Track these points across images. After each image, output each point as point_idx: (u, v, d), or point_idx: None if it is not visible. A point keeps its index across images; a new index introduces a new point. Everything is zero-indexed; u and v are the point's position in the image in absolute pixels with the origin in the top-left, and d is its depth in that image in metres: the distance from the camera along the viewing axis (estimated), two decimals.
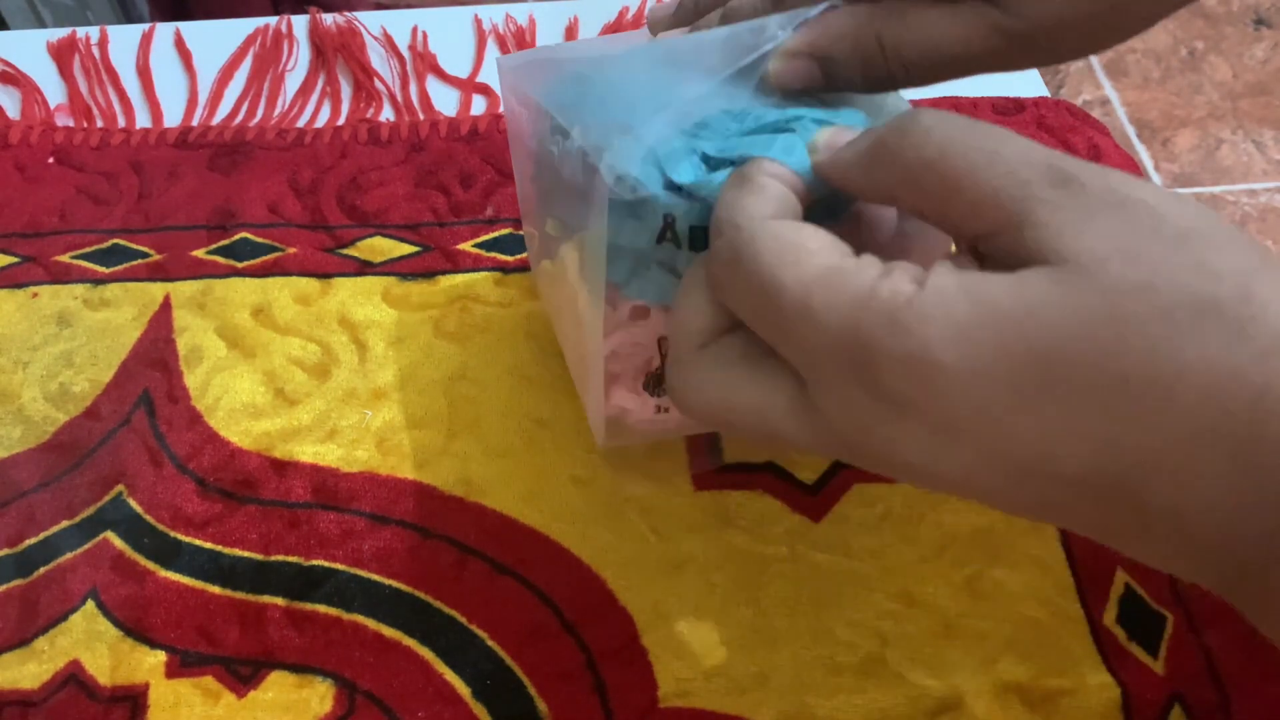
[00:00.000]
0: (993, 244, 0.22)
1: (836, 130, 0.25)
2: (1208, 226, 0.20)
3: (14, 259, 0.41)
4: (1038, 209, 0.21)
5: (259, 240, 0.42)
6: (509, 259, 0.42)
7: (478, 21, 0.52)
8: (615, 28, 0.52)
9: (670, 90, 0.27)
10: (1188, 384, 0.19)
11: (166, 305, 0.40)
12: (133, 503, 0.35)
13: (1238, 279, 0.20)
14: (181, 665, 0.32)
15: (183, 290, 0.40)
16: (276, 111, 0.47)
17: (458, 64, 0.50)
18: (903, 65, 0.27)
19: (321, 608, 0.33)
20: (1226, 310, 0.19)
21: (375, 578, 0.34)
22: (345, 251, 0.42)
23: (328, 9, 0.51)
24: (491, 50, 0.50)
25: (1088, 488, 0.21)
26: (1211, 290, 0.19)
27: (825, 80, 0.27)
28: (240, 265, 0.41)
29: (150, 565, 0.34)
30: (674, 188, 0.26)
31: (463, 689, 0.32)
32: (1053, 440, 0.21)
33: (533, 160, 0.33)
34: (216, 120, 0.47)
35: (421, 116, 0.47)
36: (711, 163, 0.26)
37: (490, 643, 0.33)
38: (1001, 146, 0.22)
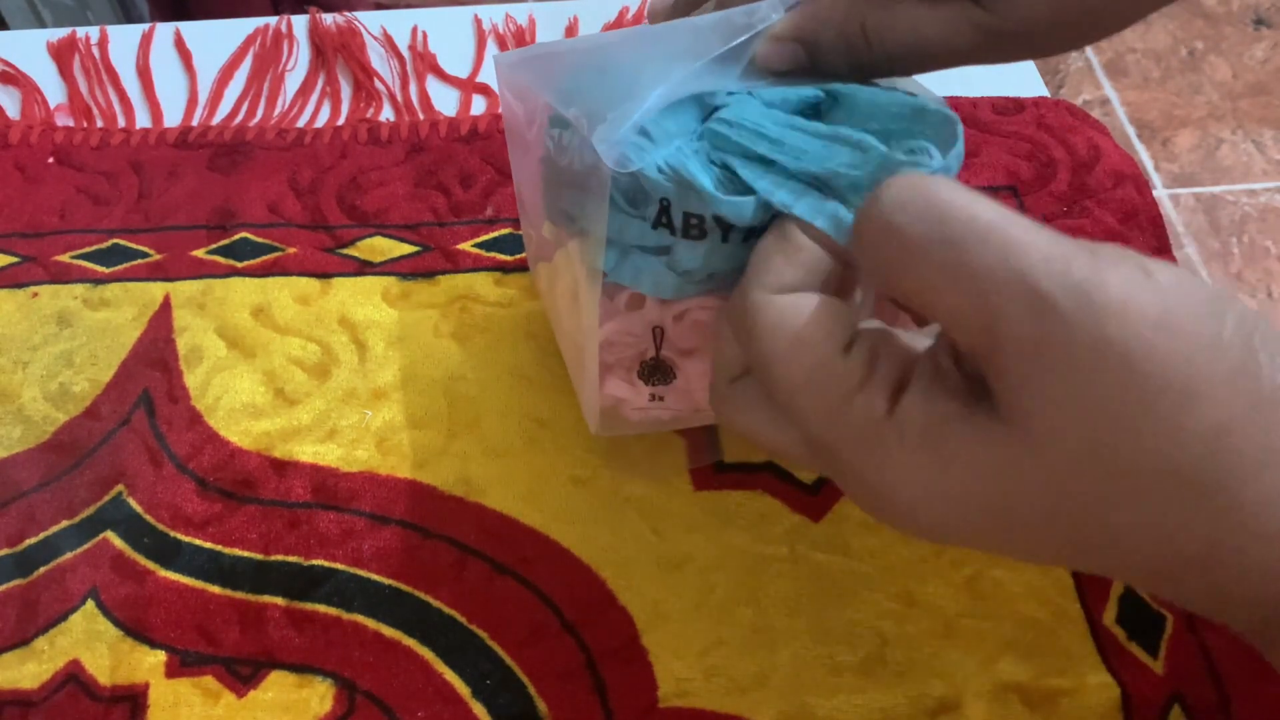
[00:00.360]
0: (964, 358, 0.21)
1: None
2: (1190, 371, 0.18)
3: (14, 259, 0.41)
4: (1002, 352, 0.19)
5: (259, 240, 0.42)
6: (509, 259, 0.42)
7: (478, 21, 0.52)
8: (615, 27, 0.52)
9: (664, 71, 0.27)
10: (1143, 539, 0.20)
11: (166, 305, 0.40)
12: (133, 502, 0.35)
13: (1206, 438, 0.19)
14: (181, 665, 0.32)
15: (183, 290, 0.40)
16: (276, 111, 0.47)
17: (458, 64, 0.50)
18: (886, 56, 0.27)
19: (321, 607, 0.33)
20: (1185, 474, 0.19)
21: (375, 578, 0.34)
22: (345, 251, 0.42)
23: (328, 9, 0.51)
24: (491, 50, 0.50)
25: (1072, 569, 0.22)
26: (1173, 456, 0.19)
27: (811, 65, 0.27)
28: (240, 265, 0.41)
29: (150, 565, 0.34)
30: (670, 170, 0.26)
31: (463, 689, 0.32)
32: (1014, 552, 0.22)
33: (532, 156, 0.33)
34: (216, 120, 0.47)
35: (421, 116, 0.47)
36: (734, 183, 0.26)
37: (490, 643, 0.33)
38: (973, 255, 0.19)
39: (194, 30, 0.51)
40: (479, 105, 0.48)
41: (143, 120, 0.47)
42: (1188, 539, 0.19)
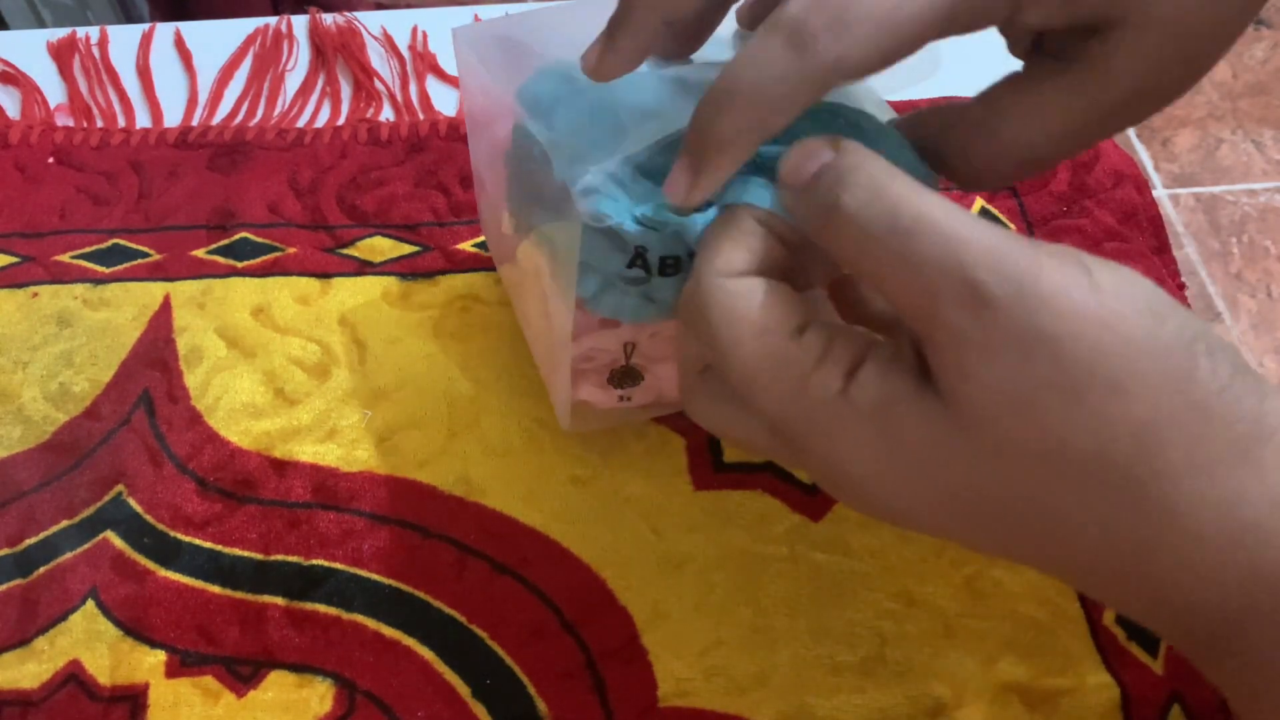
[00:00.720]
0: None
1: (800, 159, 0.23)
2: (1121, 366, 0.19)
3: (14, 259, 0.41)
4: (938, 335, 0.20)
5: (259, 240, 0.42)
6: None
7: (478, 21, 0.51)
8: None
9: (665, 119, 0.26)
10: (1077, 533, 0.20)
11: (166, 305, 0.40)
12: (132, 502, 0.35)
13: (1135, 433, 0.19)
14: (181, 665, 0.32)
15: (183, 290, 0.40)
16: (276, 111, 0.47)
17: None
18: (1010, 179, 0.26)
19: (321, 607, 0.33)
20: (1116, 469, 0.19)
21: (375, 578, 0.34)
22: (345, 251, 0.42)
23: (328, 9, 0.51)
24: None
25: (1016, 562, 0.22)
26: (1101, 448, 0.19)
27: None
28: (240, 265, 0.41)
29: (150, 565, 0.34)
30: (650, 221, 0.26)
31: (463, 689, 0.32)
32: (965, 539, 0.22)
33: (495, 148, 0.32)
34: (216, 120, 0.47)
35: (421, 116, 0.47)
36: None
37: (490, 643, 0.33)
38: (918, 245, 0.20)
39: (194, 30, 0.51)
40: None
41: (143, 120, 0.47)
42: (1123, 534, 0.20)
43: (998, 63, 0.27)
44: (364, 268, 0.41)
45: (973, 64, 0.30)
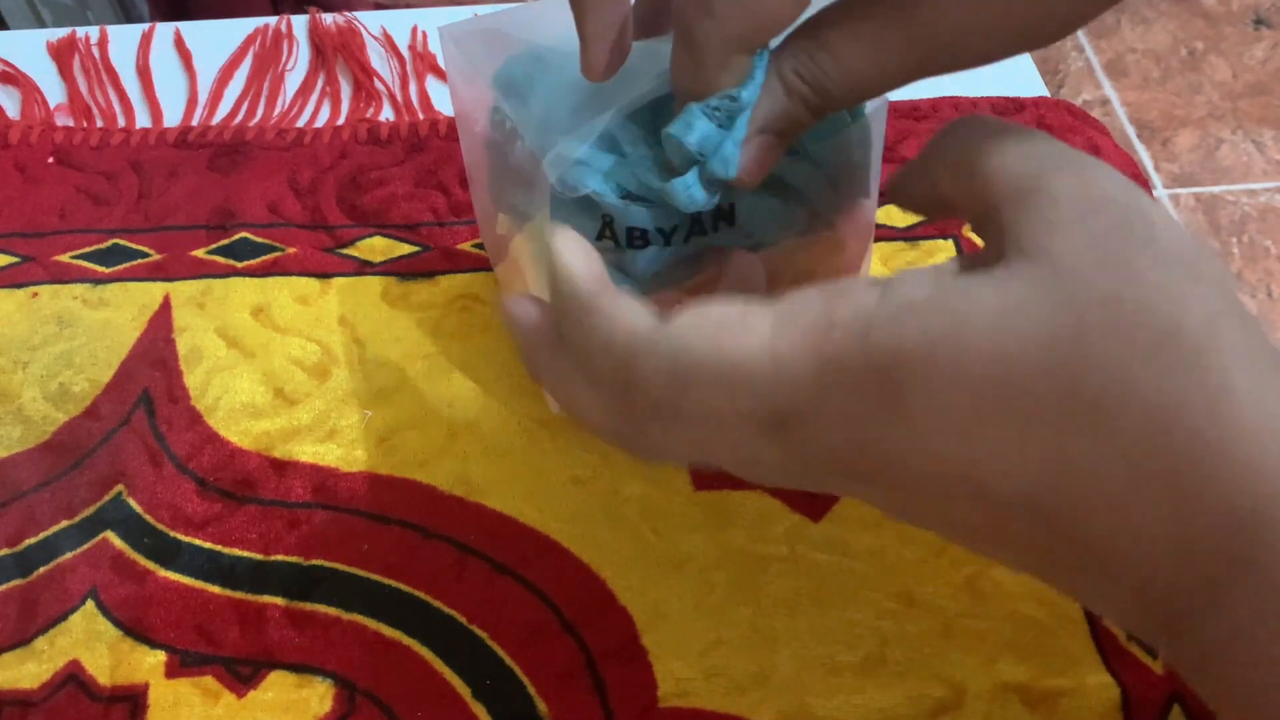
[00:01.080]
0: (992, 224, 0.22)
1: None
2: (1200, 261, 0.20)
3: (14, 259, 0.41)
4: (1039, 195, 0.21)
5: (259, 240, 0.42)
6: None
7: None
8: None
9: (625, 89, 0.27)
10: (1133, 408, 0.19)
11: (166, 305, 0.40)
12: (132, 502, 0.35)
13: (1208, 315, 0.19)
14: (181, 665, 0.32)
15: (183, 290, 0.40)
16: (276, 111, 0.47)
17: None
18: (837, 103, 0.26)
19: (321, 607, 0.33)
20: (1187, 343, 0.19)
21: (375, 578, 0.34)
22: (345, 251, 0.42)
23: (328, 9, 0.51)
24: None
25: (1027, 512, 0.21)
26: (1178, 319, 0.19)
27: (783, 147, 0.26)
28: (240, 265, 0.41)
29: (150, 565, 0.34)
30: (641, 188, 0.26)
31: (463, 689, 0.32)
32: (1001, 457, 0.20)
33: (482, 145, 0.32)
34: (216, 120, 0.47)
35: (421, 116, 0.47)
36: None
37: (490, 643, 0.33)
38: (1026, 131, 0.22)
39: (194, 30, 0.51)
40: None
41: (143, 120, 0.47)
42: (1178, 412, 0.19)
43: None
44: (364, 268, 0.41)
45: None
